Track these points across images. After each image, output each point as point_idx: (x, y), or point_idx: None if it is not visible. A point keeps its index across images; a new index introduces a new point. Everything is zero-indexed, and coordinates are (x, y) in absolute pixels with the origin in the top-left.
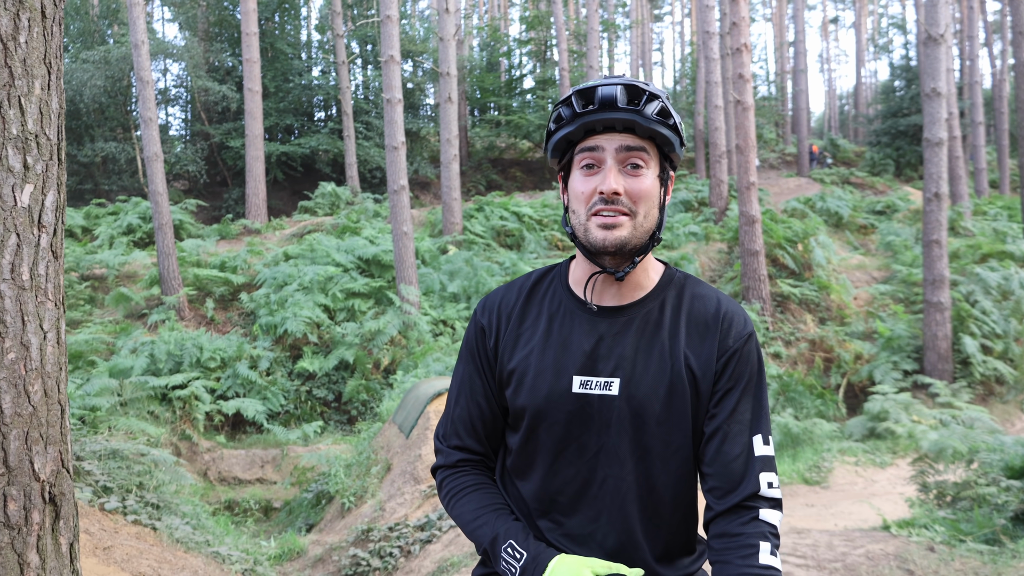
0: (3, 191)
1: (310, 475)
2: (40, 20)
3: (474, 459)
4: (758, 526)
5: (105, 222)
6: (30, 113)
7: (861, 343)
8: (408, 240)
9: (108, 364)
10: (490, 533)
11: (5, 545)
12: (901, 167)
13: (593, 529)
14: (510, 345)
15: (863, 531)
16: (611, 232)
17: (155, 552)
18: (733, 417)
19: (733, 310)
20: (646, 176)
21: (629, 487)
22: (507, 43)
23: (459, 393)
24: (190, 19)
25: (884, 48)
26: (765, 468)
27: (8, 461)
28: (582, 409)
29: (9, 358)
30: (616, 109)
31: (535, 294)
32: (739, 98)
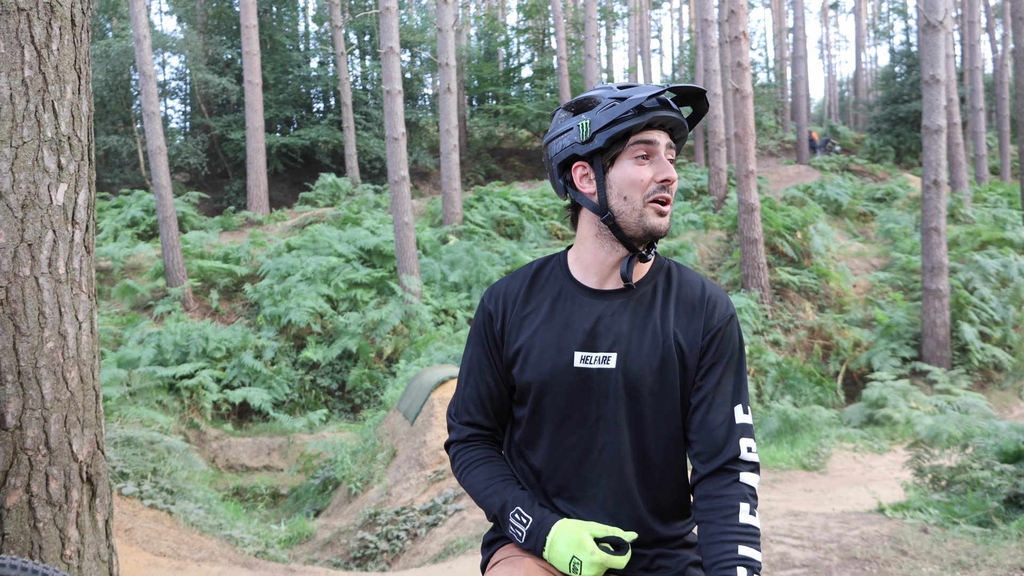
0: (40, 190)
1: (316, 462)
2: (70, 28)
3: (484, 434)
4: (739, 488)
5: (109, 215)
6: (63, 116)
7: (860, 330)
8: (409, 230)
9: (116, 355)
10: (499, 501)
11: (47, 521)
12: (901, 154)
13: (595, 491)
14: (515, 327)
15: (859, 514)
16: (665, 219)
17: (173, 534)
18: (717, 389)
19: (717, 294)
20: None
21: (626, 451)
22: (505, 32)
23: (469, 374)
24: (189, 12)
25: (884, 34)
26: (745, 434)
27: (49, 443)
28: (583, 382)
29: (48, 347)
30: (673, 110)
31: (537, 281)
32: (738, 86)
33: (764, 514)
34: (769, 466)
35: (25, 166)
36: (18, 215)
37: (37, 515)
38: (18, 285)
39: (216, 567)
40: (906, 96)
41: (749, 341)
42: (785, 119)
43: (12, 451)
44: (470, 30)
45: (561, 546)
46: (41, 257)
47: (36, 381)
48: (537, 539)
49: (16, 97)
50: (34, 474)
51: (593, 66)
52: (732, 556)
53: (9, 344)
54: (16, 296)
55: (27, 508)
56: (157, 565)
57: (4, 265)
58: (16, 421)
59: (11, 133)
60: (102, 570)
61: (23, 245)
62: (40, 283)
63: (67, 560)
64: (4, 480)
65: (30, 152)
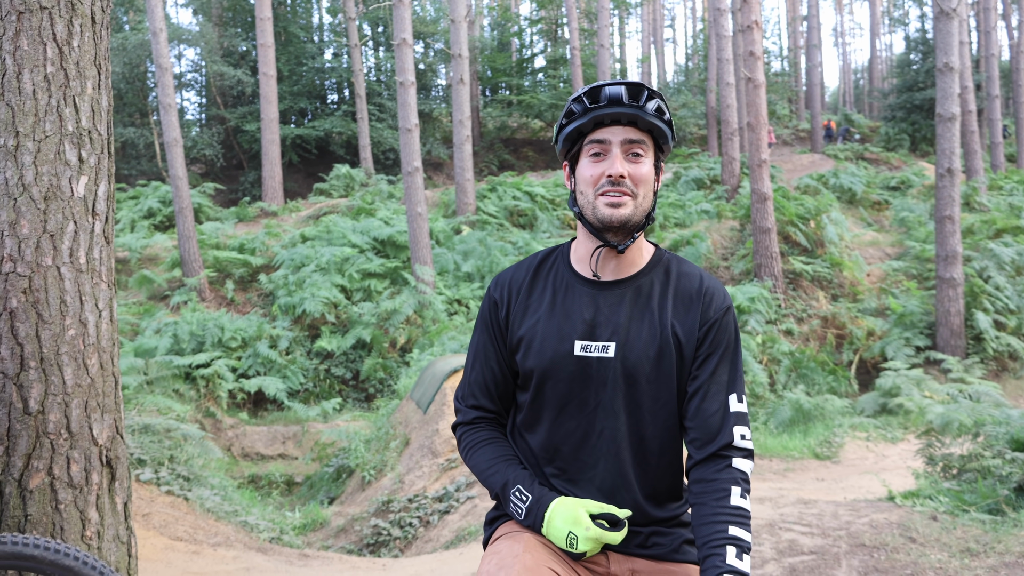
0: (61, 183)
1: (330, 450)
2: (91, 25)
3: (488, 416)
4: (731, 472)
5: (126, 206)
6: (84, 111)
7: (873, 319)
8: (422, 221)
9: (134, 344)
10: (501, 480)
11: (69, 503)
12: (916, 142)
13: (592, 474)
14: (519, 315)
15: (868, 502)
16: (617, 210)
17: (189, 520)
18: (712, 378)
19: (714, 287)
20: (645, 163)
21: (623, 437)
22: (518, 23)
23: (475, 359)
24: (204, 4)
25: (900, 21)
26: (739, 422)
27: (71, 427)
28: (583, 370)
29: (70, 334)
30: (622, 105)
31: (541, 271)
32: (750, 76)
33: (774, 502)
34: (781, 455)
35: (47, 159)
36: (41, 207)
37: (59, 497)
38: (41, 274)
39: (232, 551)
40: (921, 84)
41: (762, 330)
42: (799, 108)
43: (35, 435)
44: (483, 21)
45: (558, 521)
46: (63, 247)
47: (58, 367)
48: (536, 516)
49: (39, 92)
50: (56, 457)
51: (606, 56)
52: (723, 535)
53: (32, 332)
54: (39, 285)
55: (49, 490)
56: (174, 549)
57: (27, 255)
58: (39, 406)
59: (34, 127)
60: (121, 551)
61: (45, 236)
62: (62, 272)
63: (87, 541)
64: (27, 463)
65: (52, 146)
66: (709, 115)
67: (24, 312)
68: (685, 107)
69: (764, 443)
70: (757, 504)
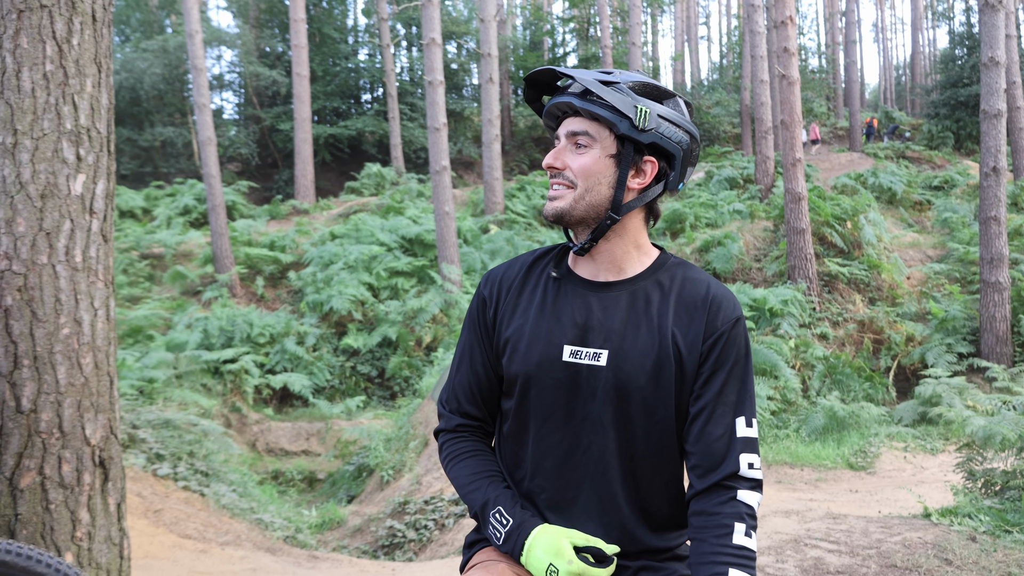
0: (58, 180)
1: (352, 448)
2: (91, 23)
3: (472, 424)
4: (735, 506)
5: (163, 203)
6: (82, 109)
7: (913, 324)
8: (450, 220)
9: (165, 339)
10: (481, 499)
11: (59, 503)
12: (961, 140)
13: (576, 493)
14: (507, 315)
15: (902, 518)
16: (551, 203)
17: (202, 516)
18: (718, 399)
19: (722, 295)
20: (587, 154)
21: (611, 454)
22: (550, 21)
23: (460, 361)
24: (242, 7)
25: (944, 15)
26: (746, 449)
27: (63, 426)
28: (571, 378)
29: (64, 333)
30: (563, 94)
31: (535, 268)
32: (784, 72)
33: (801, 516)
34: (813, 464)
35: (45, 157)
36: (37, 204)
37: (49, 497)
38: (36, 273)
39: (240, 551)
40: (966, 79)
41: (795, 334)
42: (837, 105)
43: (27, 434)
44: (516, 20)
45: (539, 551)
46: (59, 245)
47: (51, 366)
48: (515, 542)
49: (37, 90)
50: (47, 457)
51: (637, 54)
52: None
53: (26, 330)
54: (34, 283)
55: (40, 490)
56: (181, 547)
57: (23, 253)
58: (31, 404)
59: (32, 125)
60: (112, 553)
61: (41, 234)
62: (57, 271)
63: (77, 542)
64: (19, 462)
65: (50, 144)
66: (743, 113)
67: (18, 310)
68: (719, 105)
69: (795, 451)
70: (782, 517)
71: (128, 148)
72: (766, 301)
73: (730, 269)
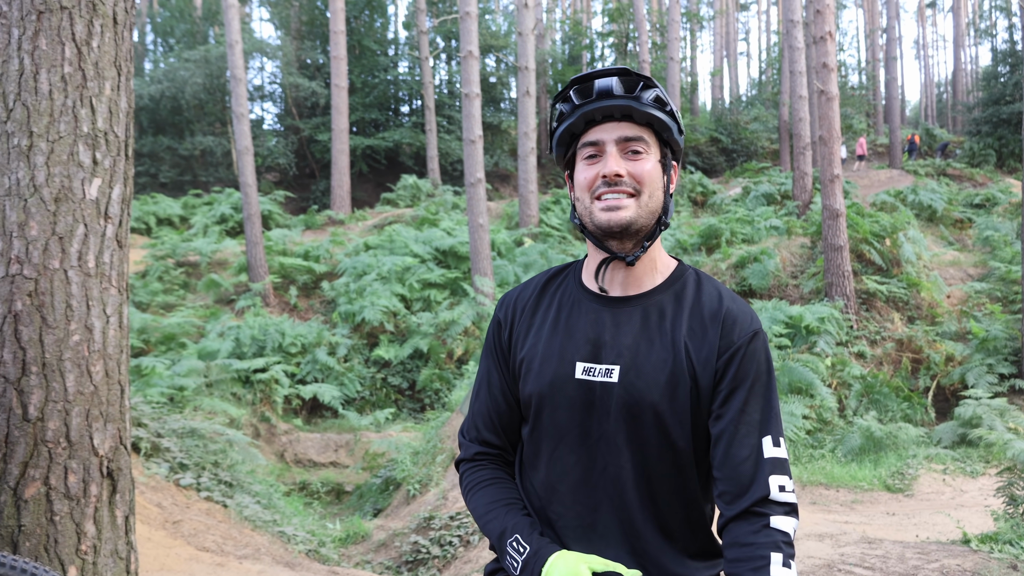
0: (73, 184)
1: (380, 461)
2: (112, 26)
3: (492, 452)
4: (770, 535)
5: (201, 211)
6: (100, 112)
7: (953, 344)
8: (484, 232)
9: (197, 347)
10: (499, 527)
11: (64, 515)
12: (1003, 158)
13: (594, 518)
14: (522, 336)
15: (940, 544)
16: (615, 213)
17: (222, 528)
18: (741, 418)
19: (738, 308)
20: (647, 160)
21: (627, 476)
22: (589, 36)
23: (479, 388)
24: (284, 19)
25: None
26: (776, 471)
27: (70, 436)
28: (584, 396)
29: (74, 340)
30: (613, 97)
31: (549, 287)
32: (823, 88)
33: (835, 539)
34: (849, 485)
35: (60, 160)
36: (51, 208)
37: (54, 508)
38: (47, 277)
39: (258, 565)
40: (1009, 97)
41: (832, 352)
42: (877, 122)
43: (33, 443)
44: (555, 35)
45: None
46: (71, 250)
47: (60, 373)
48: (532, 570)
49: (55, 93)
50: (53, 467)
51: (675, 69)
52: None
53: (35, 336)
54: (45, 288)
55: (44, 501)
56: (199, 560)
57: (35, 257)
58: (38, 413)
59: (48, 128)
60: (119, 567)
61: (54, 238)
62: (69, 276)
63: (82, 556)
64: (24, 471)
65: (66, 147)
66: (781, 129)
67: (28, 315)
68: (757, 120)
69: (831, 472)
70: (816, 541)
71: (168, 156)
72: (802, 318)
73: (766, 286)
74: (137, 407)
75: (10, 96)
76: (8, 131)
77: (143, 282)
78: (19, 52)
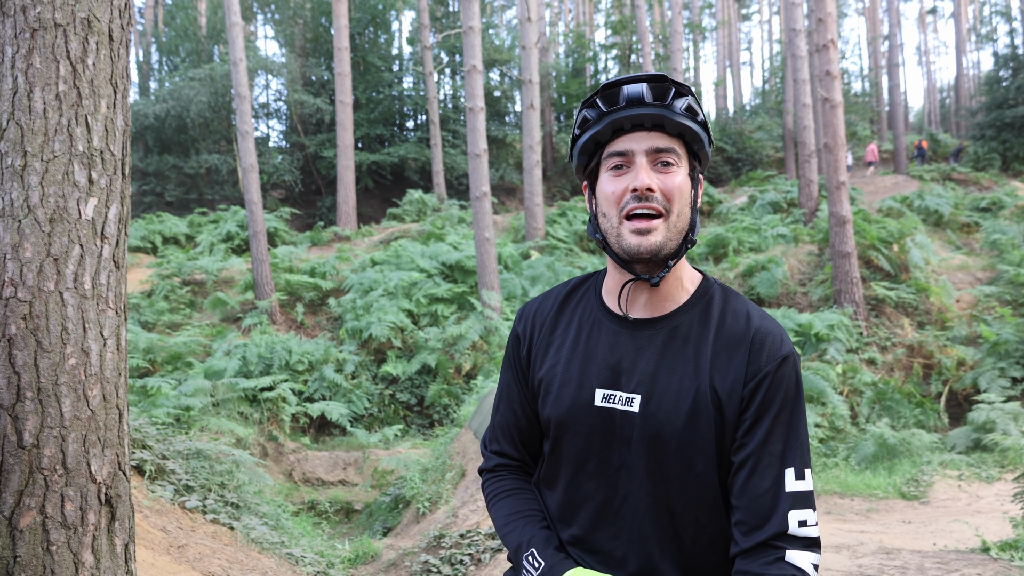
0: (68, 204)
1: (389, 479)
2: (107, 43)
3: (512, 464)
4: (782, 568)
5: (206, 230)
6: (96, 130)
7: (964, 348)
8: (490, 246)
9: (204, 365)
10: (516, 540)
11: (61, 544)
12: (1008, 161)
13: (613, 547)
14: (541, 353)
15: (960, 552)
16: (646, 238)
17: (228, 552)
18: (763, 448)
19: (767, 329)
20: (677, 173)
21: (647, 508)
22: (592, 49)
23: (500, 400)
24: (289, 36)
25: (988, 37)
26: (797, 505)
27: (66, 463)
28: (604, 424)
29: (70, 363)
30: (644, 105)
31: (569, 302)
32: (826, 95)
33: (852, 550)
34: (864, 494)
35: (55, 180)
36: (45, 229)
37: (51, 537)
38: (42, 300)
39: None
40: (1012, 101)
41: (842, 359)
42: (881, 128)
43: (28, 470)
44: (558, 48)
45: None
46: (67, 272)
47: (56, 398)
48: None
49: (49, 111)
50: (49, 495)
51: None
52: None
53: (30, 360)
54: (40, 311)
55: (41, 530)
56: None
57: (29, 279)
58: (33, 439)
59: (42, 147)
60: None
61: (49, 259)
62: (64, 298)
63: None
64: (19, 500)
65: (60, 166)
66: (786, 137)
67: (23, 339)
68: (761, 129)
69: (845, 480)
70: (833, 552)
71: (174, 175)
72: (812, 326)
73: (774, 294)
74: (142, 428)
75: (3, 115)
76: (2, 151)
77: (149, 301)
78: (12, 70)
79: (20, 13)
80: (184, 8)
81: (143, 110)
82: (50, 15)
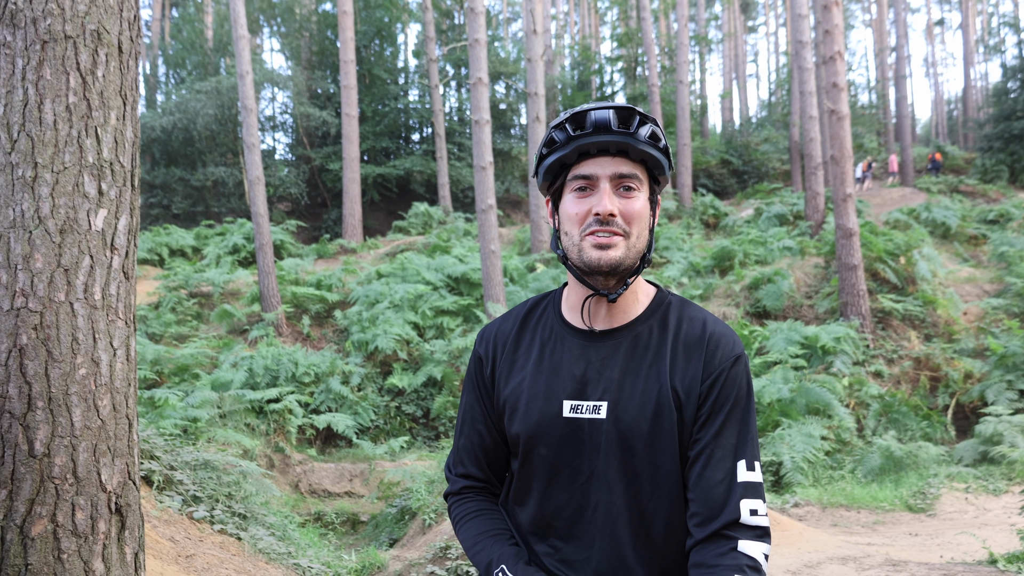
0: (79, 215)
1: (395, 490)
2: (117, 55)
3: (478, 486)
4: (735, 558)
5: (213, 242)
6: (105, 142)
7: (971, 361)
8: (496, 258)
9: (211, 377)
10: (486, 559)
11: (72, 553)
12: (1016, 173)
13: (588, 555)
14: (505, 372)
15: (967, 565)
16: (606, 252)
17: (236, 562)
18: (717, 441)
19: (720, 332)
20: (638, 198)
21: (620, 511)
22: (598, 61)
23: (463, 423)
24: (295, 49)
25: (995, 48)
26: (748, 494)
27: (77, 472)
28: (573, 434)
29: (80, 373)
30: (610, 132)
31: (528, 321)
32: (833, 107)
33: (859, 563)
34: (870, 506)
35: (65, 191)
36: (56, 240)
37: (62, 546)
38: (52, 310)
39: None
40: (1020, 113)
41: (849, 372)
42: (888, 140)
43: (39, 479)
44: (564, 60)
45: None
46: (77, 282)
47: (66, 408)
48: None
49: (59, 123)
50: (60, 503)
51: (685, 92)
52: None
53: (41, 370)
54: (50, 321)
55: (52, 538)
56: None
57: (40, 290)
58: (44, 448)
59: (53, 159)
60: None
61: (59, 270)
62: (75, 309)
63: None
64: (30, 509)
65: (71, 177)
66: (792, 149)
67: (34, 349)
68: (768, 142)
69: (851, 492)
70: (839, 564)
71: (180, 188)
72: (818, 338)
73: (781, 306)
74: (150, 439)
75: (14, 127)
76: (12, 162)
77: (156, 313)
78: (23, 82)
79: (31, 25)
80: (191, 21)
81: (150, 123)
82: (60, 27)
